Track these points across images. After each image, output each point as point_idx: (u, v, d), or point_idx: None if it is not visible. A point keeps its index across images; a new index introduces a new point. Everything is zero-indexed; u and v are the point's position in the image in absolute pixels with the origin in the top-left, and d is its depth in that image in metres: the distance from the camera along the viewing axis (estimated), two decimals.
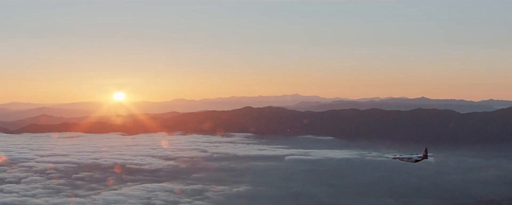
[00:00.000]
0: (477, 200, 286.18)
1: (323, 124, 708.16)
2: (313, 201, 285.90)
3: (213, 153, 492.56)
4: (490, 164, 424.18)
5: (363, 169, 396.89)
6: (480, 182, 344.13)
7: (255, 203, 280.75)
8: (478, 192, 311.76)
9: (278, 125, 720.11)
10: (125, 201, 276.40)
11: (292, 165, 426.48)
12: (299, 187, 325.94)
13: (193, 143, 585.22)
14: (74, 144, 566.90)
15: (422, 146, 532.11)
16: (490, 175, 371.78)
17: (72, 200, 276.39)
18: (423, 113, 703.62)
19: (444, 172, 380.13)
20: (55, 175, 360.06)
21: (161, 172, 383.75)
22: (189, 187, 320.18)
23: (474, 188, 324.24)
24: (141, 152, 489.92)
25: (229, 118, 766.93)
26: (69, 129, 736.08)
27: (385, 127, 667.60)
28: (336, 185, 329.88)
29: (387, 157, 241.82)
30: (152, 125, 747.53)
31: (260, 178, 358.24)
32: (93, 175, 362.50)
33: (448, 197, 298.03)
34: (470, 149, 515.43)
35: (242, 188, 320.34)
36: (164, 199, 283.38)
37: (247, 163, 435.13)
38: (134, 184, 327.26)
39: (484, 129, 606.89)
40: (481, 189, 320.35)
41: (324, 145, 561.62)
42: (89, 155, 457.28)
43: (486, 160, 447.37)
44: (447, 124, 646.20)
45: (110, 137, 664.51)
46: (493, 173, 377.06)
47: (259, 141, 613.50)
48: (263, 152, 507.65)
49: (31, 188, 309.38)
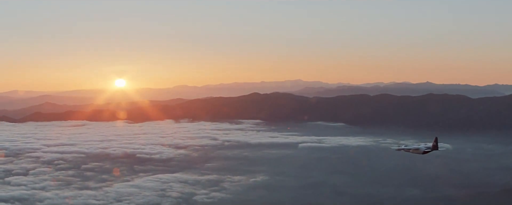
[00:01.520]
0: (501, 189, 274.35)
1: (333, 110, 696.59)
2: (333, 191, 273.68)
3: (224, 141, 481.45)
4: (508, 150, 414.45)
5: (379, 156, 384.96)
6: (501, 170, 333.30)
7: (275, 195, 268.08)
8: (500, 180, 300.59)
9: (287, 111, 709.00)
10: (139, 193, 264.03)
11: (306, 153, 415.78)
12: (317, 176, 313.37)
13: (202, 131, 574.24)
14: (81, 133, 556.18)
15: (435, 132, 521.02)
16: (510, 162, 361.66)
17: (83, 193, 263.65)
18: (434, 98, 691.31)
19: (463, 160, 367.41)
20: (63, 165, 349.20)
21: (173, 162, 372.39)
22: (204, 177, 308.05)
23: (495, 176, 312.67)
24: (150, 140, 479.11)
25: (236, 105, 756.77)
26: (73, 117, 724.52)
27: (396, 113, 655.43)
28: (355, 174, 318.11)
29: (392, 148, 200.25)
30: (158, 112, 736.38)
31: (276, 167, 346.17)
32: (103, 166, 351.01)
33: (471, 186, 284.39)
34: (485, 135, 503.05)
35: (259, 178, 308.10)
36: (180, 191, 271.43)
37: (260, 151, 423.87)
38: (147, 175, 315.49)
39: (497, 114, 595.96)
40: (503, 177, 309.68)
41: (337, 132, 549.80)
42: (97, 145, 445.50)
43: (504, 146, 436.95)
44: (459, 109, 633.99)
45: (117, 125, 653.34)
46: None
47: (269, 128, 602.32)
48: (275, 139, 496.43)
49: (39, 180, 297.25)
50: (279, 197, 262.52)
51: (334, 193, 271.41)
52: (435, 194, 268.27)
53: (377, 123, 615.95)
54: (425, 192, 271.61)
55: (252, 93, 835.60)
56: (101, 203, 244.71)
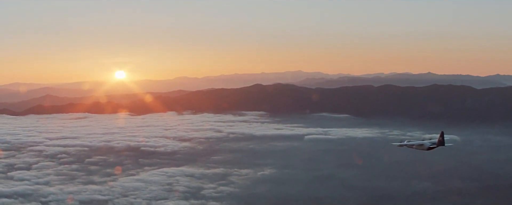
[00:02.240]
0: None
1: (336, 102, 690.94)
2: (344, 185, 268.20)
3: (228, 133, 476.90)
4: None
5: (387, 148, 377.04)
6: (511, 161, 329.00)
7: (283, 188, 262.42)
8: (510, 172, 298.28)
9: (290, 102, 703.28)
10: (145, 188, 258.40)
11: (313, 145, 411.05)
12: (326, 169, 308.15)
13: (205, 123, 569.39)
14: (83, 126, 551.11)
15: (441, 123, 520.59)
16: None
17: (88, 188, 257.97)
18: (438, 89, 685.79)
19: (472, 152, 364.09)
20: (67, 159, 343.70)
21: (178, 155, 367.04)
22: (210, 171, 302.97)
23: (505, 168, 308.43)
24: (154, 133, 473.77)
25: (238, 96, 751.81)
26: (75, 110, 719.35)
27: (401, 104, 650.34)
28: (364, 167, 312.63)
29: (393, 144, 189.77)
30: (160, 104, 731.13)
31: (283, 160, 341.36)
32: (107, 159, 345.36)
33: (481, 178, 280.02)
34: (492, 127, 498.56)
35: (267, 171, 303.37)
36: (187, 185, 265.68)
37: (266, 143, 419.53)
38: (152, 169, 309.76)
39: (503, 105, 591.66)
40: None
41: (342, 124, 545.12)
42: (100, 137, 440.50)
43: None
44: (464, 100, 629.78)
45: (119, 118, 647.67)
46: None
47: (273, 119, 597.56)
48: (280, 131, 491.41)
49: (43, 175, 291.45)
50: (287, 191, 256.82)
51: (343, 186, 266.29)
52: (445, 187, 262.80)
53: (382, 114, 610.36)
54: (435, 185, 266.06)
55: (254, 85, 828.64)
56: (107, 198, 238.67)
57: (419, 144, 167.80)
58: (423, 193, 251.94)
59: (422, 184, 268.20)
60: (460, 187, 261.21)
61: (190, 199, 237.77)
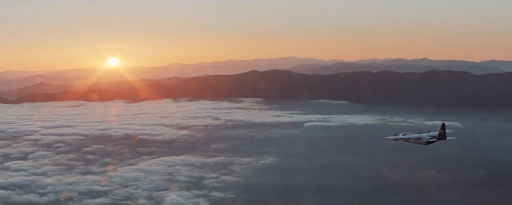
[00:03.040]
0: None
1: (334, 88, 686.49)
2: (348, 174, 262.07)
3: (227, 121, 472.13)
4: None
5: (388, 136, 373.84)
6: None
7: (287, 177, 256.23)
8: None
9: (287, 89, 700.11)
10: (146, 178, 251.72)
11: (313, 132, 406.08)
12: (328, 158, 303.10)
13: (203, 110, 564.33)
14: (79, 114, 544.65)
15: (442, 110, 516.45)
16: None
17: (86, 178, 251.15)
18: (437, 75, 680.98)
19: (476, 139, 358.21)
20: (63, 149, 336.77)
21: (177, 143, 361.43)
22: (211, 159, 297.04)
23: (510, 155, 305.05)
24: (151, 121, 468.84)
25: (235, 83, 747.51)
26: (70, 98, 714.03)
27: (400, 90, 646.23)
28: (367, 155, 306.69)
29: (387, 138, 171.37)
30: (155, 91, 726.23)
31: (284, 148, 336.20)
32: (105, 148, 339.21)
33: (486, 166, 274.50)
34: (493, 113, 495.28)
35: (269, 160, 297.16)
36: (188, 175, 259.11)
37: (266, 131, 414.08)
38: (151, 158, 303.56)
39: (504, 91, 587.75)
40: None
41: (341, 110, 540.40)
42: (96, 126, 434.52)
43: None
44: (463, 86, 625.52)
45: (115, 105, 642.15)
46: None
47: (271, 106, 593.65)
48: (279, 118, 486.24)
49: (40, 165, 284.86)
50: (291, 180, 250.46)
51: (348, 175, 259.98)
52: (450, 175, 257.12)
53: (381, 100, 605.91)
54: (440, 173, 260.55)
55: (250, 71, 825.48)
56: (106, 189, 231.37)
57: (417, 137, 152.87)
58: (429, 182, 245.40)
59: (427, 172, 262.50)
60: (466, 175, 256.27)
61: (192, 190, 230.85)
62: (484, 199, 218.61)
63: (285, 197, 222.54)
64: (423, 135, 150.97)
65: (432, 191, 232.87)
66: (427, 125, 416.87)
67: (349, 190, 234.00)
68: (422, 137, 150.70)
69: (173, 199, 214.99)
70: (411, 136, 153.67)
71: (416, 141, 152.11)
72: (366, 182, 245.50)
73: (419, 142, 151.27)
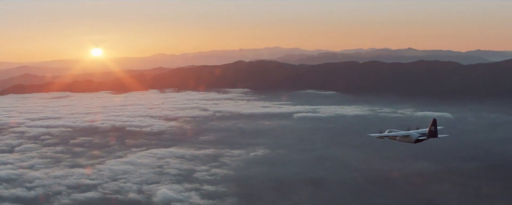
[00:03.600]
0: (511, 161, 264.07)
1: (321, 78, 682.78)
2: (340, 166, 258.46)
3: (215, 112, 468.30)
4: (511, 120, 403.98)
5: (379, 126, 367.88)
6: (507, 140, 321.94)
7: (279, 170, 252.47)
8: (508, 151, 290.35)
9: (275, 79, 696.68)
10: (135, 171, 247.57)
11: (303, 123, 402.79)
12: (319, 149, 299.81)
13: (190, 101, 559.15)
14: (65, 105, 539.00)
15: (431, 100, 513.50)
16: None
17: (75, 172, 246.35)
18: (425, 65, 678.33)
19: (468, 130, 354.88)
20: (50, 141, 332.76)
21: (165, 135, 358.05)
22: (201, 152, 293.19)
23: (502, 147, 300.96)
24: (138, 112, 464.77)
25: (221, 73, 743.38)
26: (55, 89, 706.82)
27: (388, 81, 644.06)
28: (358, 147, 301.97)
29: (370, 135, 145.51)
30: (141, 82, 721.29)
31: (275, 139, 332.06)
32: (93, 141, 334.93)
33: (479, 158, 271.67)
34: (483, 103, 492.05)
35: (260, 151, 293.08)
36: (178, 167, 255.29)
37: (255, 122, 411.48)
38: (140, 150, 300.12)
39: (492, 81, 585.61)
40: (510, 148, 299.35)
41: (330, 101, 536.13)
42: (83, 117, 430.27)
43: (506, 115, 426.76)
44: (452, 76, 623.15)
45: (101, 96, 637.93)
46: None
47: (259, 97, 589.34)
48: (268, 109, 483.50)
49: (27, 158, 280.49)
50: (283, 173, 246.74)
51: (340, 167, 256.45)
52: (443, 167, 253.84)
53: (370, 91, 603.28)
54: (434, 165, 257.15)
55: (236, 61, 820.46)
56: (95, 183, 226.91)
57: (405, 135, 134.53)
58: (423, 174, 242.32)
59: (420, 164, 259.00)
60: (460, 167, 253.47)
61: (183, 183, 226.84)
62: (480, 192, 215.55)
63: (278, 190, 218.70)
64: (411, 133, 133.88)
65: (426, 183, 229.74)
66: (418, 116, 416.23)
67: (342, 182, 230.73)
68: (410, 134, 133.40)
69: (164, 193, 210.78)
70: (398, 134, 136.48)
71: (404, 139, 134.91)
72: (359, 174, 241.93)
73: (407, 140, 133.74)
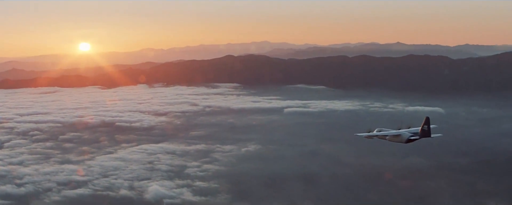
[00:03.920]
0: (504, 156, 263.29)
1: (311, 73, 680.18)
2: (332, 161, 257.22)
3: (205, 107, 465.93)
4: (505, 114, 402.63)
5: (372, 122, 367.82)
6: (499, 135, 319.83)
7: (271, 165, 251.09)
8: (508, 147, 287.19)
9: (264, 74, 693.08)
10: (126, 167, 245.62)
11: (294, 118, 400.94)
12: (311, 145, 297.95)
13: (179, 96, 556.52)
14: (54, 100, 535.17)
15: (421, 95, 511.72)
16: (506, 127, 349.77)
17: (65, 168, 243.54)
18: (415, 59, 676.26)
19: (460, 125, 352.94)
20: (40, 137, 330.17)
21: (155, 130, 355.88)
22: (191, 147, 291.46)
23: (494, 142, 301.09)
24: (127, 107, 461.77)
25: (210, 68, 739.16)
26: (43, 84, 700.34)
27: (378, 75, 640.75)
28: (350, 142, 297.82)
29: (358, 135, 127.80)
30: (129, 77, 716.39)
31: (266, 134, 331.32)
32: (82, 136, 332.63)
33: (472, 153, 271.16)
34: (474, 98, 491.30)
35: (251, 147, 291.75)
36: (169, 163, 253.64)
37: (245, 117, 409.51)
38: (130, 146, 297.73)
39: (482, 76, 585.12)
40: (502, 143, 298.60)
41: (320, 96, 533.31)
42: (72, 113, 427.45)
43: (497, 110, 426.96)
44: (442, 70, 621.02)
45: (90, 91, 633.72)
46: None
47: (249, 92, 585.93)
48: (258, 104, 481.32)
49: (16, 154, 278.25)
50: (275, 168, 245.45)
51: (332, 163, 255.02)
52: (437, 162, 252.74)
53: (360, 85, 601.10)
54: (426, 161, 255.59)
55: (225, 56, 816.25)
56: (86, 179, 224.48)
57: (395, 134, 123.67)
58: (415, 169, 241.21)
59: (413, 159, 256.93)
60: (452, 162, 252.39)
61: (174, 179, 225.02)
62: (474, 188, 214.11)
63: (270, 186, 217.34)
64: (402, 132, 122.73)
65: (419, 179, 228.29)
66: (409, 111, 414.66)
67: (334, 177, 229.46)
68: (401, 134, 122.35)
69: (155, 190, 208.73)
70: (387, 133, 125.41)
71: (394, 138, 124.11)
72: (351, 170, 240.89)
73: (398, 140, 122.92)
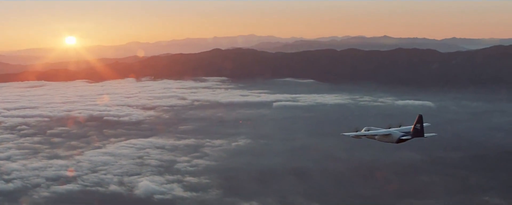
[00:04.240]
0: (495, 151, 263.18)
1: (299, 66, 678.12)
2: (324, 156, 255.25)
3: (193, 101, 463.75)
4: (495, 108, 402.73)
5: (362, 116, 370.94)
6: (490, 129, 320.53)
7: (262, 160, 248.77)
8: (500, 141, 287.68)
9: (251, 67, 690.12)
10: (115, 162, 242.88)
11: (283, 112, 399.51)
12: (302, 139, 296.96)
13: (167, 90, 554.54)
14: (41, 95, 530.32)
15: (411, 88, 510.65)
16: (503, 121, 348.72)
17: (53, 163, 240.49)
18: (403, 53, 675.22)
19: (450, 119, 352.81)
20: (27, 131, 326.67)
21: (144, 124, 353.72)
22: (181, 142, 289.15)
23: (485, 136, 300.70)
24: (115, 101, 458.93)
25: (197, 61, 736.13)
26: (30, 78, 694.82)
27: (367, 69, 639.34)
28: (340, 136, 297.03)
29: (343, 134, 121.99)
30: (116, 70, 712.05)
31: (256, 129, 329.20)
32: (71, 131, 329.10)
33: (465, 148, 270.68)
34: (464, 92, 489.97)
35: (241, 142, 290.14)
36: (159, 158, 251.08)
37: (235, 111, 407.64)
38: (119, 140, 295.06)
39: (471, 69, 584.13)
40: (502, 138, 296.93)
41: (309, 89, 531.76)
42: (60, 107, 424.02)
43: (487, 103, 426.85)
44: (431, 64, 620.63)
45: (77, 85, 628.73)
46: (506, 120, 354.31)
47: (237, 85, 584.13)
48: (246, 98, 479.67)
49: (3, 149, 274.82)
50: (265, 163, 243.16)
51: (324, 157, 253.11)
52: (428, 157, 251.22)
53: (348, 79, 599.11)
54: (418, 155, 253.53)
55: (213, 49, 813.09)
56: (75, 175, 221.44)
57: (385, 134, 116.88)
58: (407, 164, 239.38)
59: (404, 154, 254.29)
60: (444, 157, 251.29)
61: (164, 174, 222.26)
62: (467, 183, 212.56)
63: (261, 181, 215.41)
64: (392, 131, 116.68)
65: (412, 174, 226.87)
66: (399, 105, 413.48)
67: (325, 172, 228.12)
68: (391, 133, 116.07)
69: (146, 185, 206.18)
70: (376, 132, 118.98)
71: (384, 138, 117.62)
72: (342, 164, 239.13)
73: (388, 140, 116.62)
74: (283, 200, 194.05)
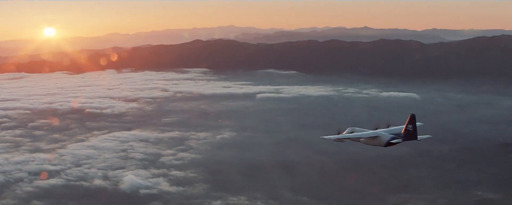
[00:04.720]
0: (491, 142, 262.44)
1: (281, 57, 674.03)
2: (311, 149, 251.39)
3: (175, 92, 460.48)
4: (481, 100, 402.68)
5: (347, 108, 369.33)
6: (484, 122, 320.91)
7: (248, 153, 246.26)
8: (486, 134, 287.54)
9: (233, 58, 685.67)
10: (99, 155, 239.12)
11: (267, 104, 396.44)
12: (287, 131, 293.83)
13: (149, 81, 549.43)
14: (22, 87, 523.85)
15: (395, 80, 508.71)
16: (490, 113, 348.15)
17: (35, 157, 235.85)
18: (386, 44, 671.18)
19: (436, 111, 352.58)
20: (9, 124, 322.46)
21: (127, 117, 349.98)
22: (165, 134, 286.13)
23: (474, 128, 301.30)
24: (97, 93, 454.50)
25: (179, 53, 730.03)
26: (9, 70, 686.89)
27: (349, 60, 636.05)
28: (326, 128, 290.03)
29: (325, 138, 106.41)
30: (96, 62, 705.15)
31: (240, 121, 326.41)
32: (52, 123, 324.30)
33: (452, 140, 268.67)
34: (447, 83, 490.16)
35: (226, 134, 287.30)
36: (143, 152, 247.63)
37: (218, 103, 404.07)
38: (102, 133, 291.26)
39: (453, 61, 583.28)
40: (488, 130, 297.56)
41: (292, 81, 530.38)
42: (41, 99, 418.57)
43: (474, 95, 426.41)
44: (413, 55, 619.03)
45: (57, 77, 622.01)
46: (492, 112, 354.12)
47: (219, 77, 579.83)
48: (229, 90, 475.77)
49: None
50: (252, 156, 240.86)
51: (310, 150, 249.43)
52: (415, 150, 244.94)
53: (331, 70, 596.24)
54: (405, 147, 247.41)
55: (194, 40, 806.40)
56: (58, 169, 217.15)
57: (372, 136, 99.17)
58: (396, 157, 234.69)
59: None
60: (431, 149, 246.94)
61: (149, 168, 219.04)
62: (455, 176, 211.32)
63: (248, 176, 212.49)
64: (380, 133, 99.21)
65: (399, 167, 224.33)
66: (384, 96, 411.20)
67: (312, 165, 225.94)
68: (379, 135, 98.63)
69: (131, 179, 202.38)
70: (362, 135, 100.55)
71: (371, 141, 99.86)
72: (327, 157, 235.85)
73: (375, 143, 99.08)
74: (272, 195, 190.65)
